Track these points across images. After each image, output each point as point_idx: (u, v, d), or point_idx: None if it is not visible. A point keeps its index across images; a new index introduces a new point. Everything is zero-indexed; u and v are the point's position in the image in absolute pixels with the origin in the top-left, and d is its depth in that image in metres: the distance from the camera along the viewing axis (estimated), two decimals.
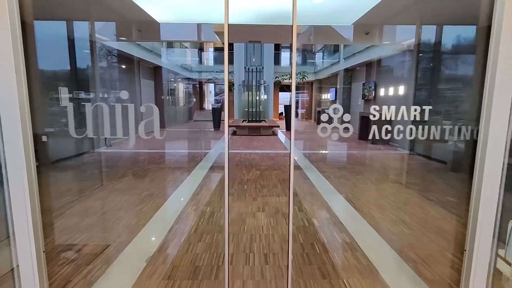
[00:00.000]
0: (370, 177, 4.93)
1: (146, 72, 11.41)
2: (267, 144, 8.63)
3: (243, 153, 7.13)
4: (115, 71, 8.71)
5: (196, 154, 6.83)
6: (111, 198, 3.78)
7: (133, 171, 5.18)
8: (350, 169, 5.46)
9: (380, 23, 5.39)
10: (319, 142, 9.23)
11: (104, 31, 6.25)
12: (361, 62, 10.59)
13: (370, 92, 10.19)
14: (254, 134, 11.11)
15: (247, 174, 5.04)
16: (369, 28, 5.71)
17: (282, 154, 6.97)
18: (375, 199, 3.83)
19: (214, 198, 3.78)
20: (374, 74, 10.08)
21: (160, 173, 5.04)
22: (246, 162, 6.09)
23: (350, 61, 11.67)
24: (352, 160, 6.32)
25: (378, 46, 8.95)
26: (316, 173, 5.14)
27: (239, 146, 8.28)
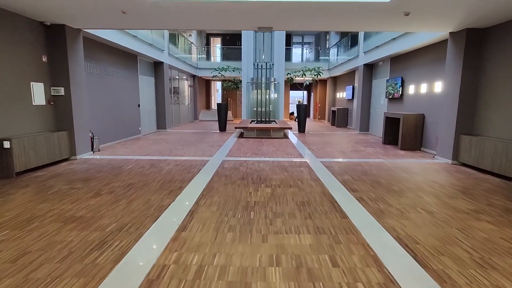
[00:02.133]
0: (420, 200, 3.73)
1: (146, 68, 10.38)
2: (278, 149, 7.47)
3: (250, 161, 6.00)
4: (106, 65, 7.69)
5: (194, 163, 5.74)
6: (54, 228, 2.71)
7: (109, 187, 4.11)
8: (387, 187, 4.27)
9: (427, 4, 4.17)
10: (337, 147, 8.02)
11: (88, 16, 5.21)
12: (385, 56, 9.32)
13: (396, 90, 8.92)
14: (264, 136, 9.97)
15: (255, 193, 3.90)
16: (412, 8, 4.49)
17: (297, 164, 5.81)
18: (443, 239, 2.64)
19: (207, 237, 2.66)
20: (402, 69, 8.80)
21: (142, 191, 3.95)
22: (253, 174, 4.95)
23: (371, 55, 10.41)
24: (385, 172, 5.11)
25: (407, 36, 7.68)
26: (344, 193, 3.96)
27: (246, 151, 7.15)
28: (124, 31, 7.84)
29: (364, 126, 11.49)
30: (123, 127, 8.71)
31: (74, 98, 5.93)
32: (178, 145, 7.94)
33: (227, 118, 11.85)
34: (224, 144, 8.20)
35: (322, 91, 18.47)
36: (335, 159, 6.27)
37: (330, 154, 6.92)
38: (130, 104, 9.16)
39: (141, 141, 8.76)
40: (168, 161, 5.91)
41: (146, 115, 10.38)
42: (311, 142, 8.92)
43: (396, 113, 7.98)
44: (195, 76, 16.53)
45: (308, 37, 19.55)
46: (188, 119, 15.72)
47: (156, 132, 10.97)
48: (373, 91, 11.10)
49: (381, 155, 6.87)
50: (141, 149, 7.33)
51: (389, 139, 8.67)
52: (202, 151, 7.12)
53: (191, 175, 4.84)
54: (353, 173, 5.08)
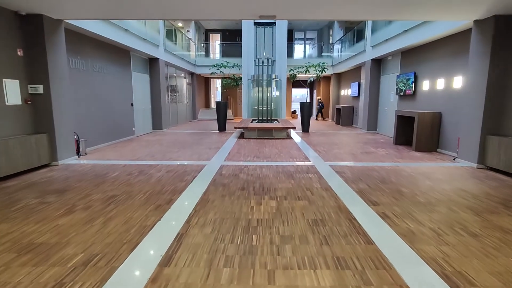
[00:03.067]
0: (456, 217, 3.12)
1: (139, 65, 9.77)
2: (281, 152, 6.86)
3: (251, 166, 5.38)
4: (94, 61, 7.08)
5: (189, 168, 5.13)
6: (2, 262, 2.12)
7: (86, 201, 3.50)
8: (411, 198, 3.65)
9: None
10: (346, 148, 7.41)
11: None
12: (395, 49, 8.68)
13: (408, 86, 8.28)
14: (265, 137, 9.36)
15: (257, 208, 3.29)
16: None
17: (303, 169, 5.20)
18: (504, 277, 2.03)
19: (197, 275, 2.05)
20: (414, 64, 8.16)
21: (124, 207, 3.34)
22: (255, 182, 4.34)
23: (379, 50, 9.76)
24: (405, 179, 4.50)
25: (422, 27, 7.04)
26: (363, 207, 3.35)
27: (247, 154, 6.54)
28: (114, 24, 7.22)
29: (372, 125, 10.85)
30: (115, 128, 8.10)
31: (55, 96, 5.32)
32: (173, 148, 7.33)
33: (226, 117, 11.24)
34: (223, 146, 7.59)
35: (325, 89, 17.82)
36: (345, 163, 5.65)
37: (339, 156, 6.30)
38: (123, 103, 8.55)
39: (134, 143, 8.15)
40: (159, 166, 5.30)
41: (140, 114, 9.77)
42: (317, 142, 8.30)
43: (410, 111, 7.34)
44: (193, 73, 15.90)
45: (310, 32, 18.88)
46: (187, 118, 15.11)
47: (151, 133, 10.37)
48: (381, 87, 10.46)
49: (395, 157, 6.25)
50: (132, 152, 6.72)
51: (401, 140, 8.05)
52: (198, 154, 6.51)
53: (184, 184, 4.23)
54: (368, 180, 4.47)
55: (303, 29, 18.46)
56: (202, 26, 17.75)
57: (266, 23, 14.86)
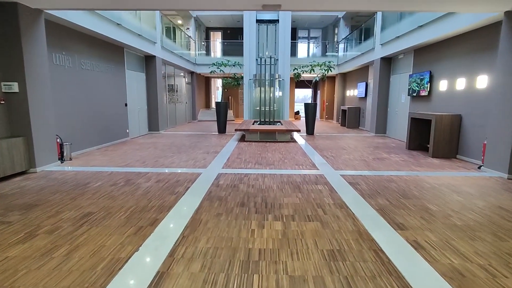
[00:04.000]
0: (511, 248, 2.52)
1: (134, 62, 9.20)
2: (286, 157, 6.27)
3: (252, 174, 4.79)
4: (82, 57, 6.51)
5: (182, 177, 4.55)
6: None
7: (55, 221, 2.92)
8: (444, 219, 3.05)
9: None
10: (355, 153, 6.80)
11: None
12: (407, 47, 8.06)
13: (422, 86, 7.67)
14: (268, 140, 8.76)
15: (259, 233, 2.70)
16: None
17: (312, 178, 4.60)
18: None
19: None
20: (430, 62, 7.54)
21: (98, 229, 2.75)
22: (257, 195, 3.75)
23: (390, 47, 9.15)
24: (429, 193, 3.89)
25: (440, 22, 6.43)
26: (388, 232, 2.75)
27: (248, 160, 5.95)
28: (104, 17, 6.65)
29: (381, 127, 10.24)
30: (106, 130, 7.53)
31: (33, 95, 4.75)
32: (168, 152, 6.75)
33: (227, 119, 10.66)
34: (222, 150, 7.00)
35: (330, 89, 17.21)
36: (358, 172, 5.04)
37: (350, 163, 5.70)
38: (115, 103, 7.98)
39: (127, 146, 7.58)
40: (149, 174, 4.72)
41: (135, 115, 9.20)
42: (323, 147, 7.70)
43: (425, 113, 6.73)
44: (193, 72, 15.33)
45: (314, 31, 18.28)
46: (186, 119, 14.54)
47: (147, 135, 9.79)
48: (391, 88, 9.84)
49: (412, 165, 5.64)
50: (123, 157, 6.14)
51: (414, 144, 7.43)
52: (195, 159, 5.92)
53: (174, 198, 3.64)
54: (388, 193, 3.86)
55: (307, 27, 17.86)
56: (202, 24, 17.19)
57: (269, 21, 14.29)
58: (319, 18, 15.80)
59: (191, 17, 15.14)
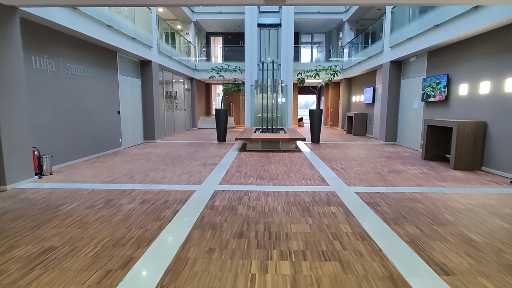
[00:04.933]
0: None
1: (128, 68, 8.67)
2: (291, 170, 5.64)
3: (253, 192, 4.17)
4: (68, 61, 5.97)
5: (172, 196, 3.93)
6: None
7: (1, 263, 2.31)
8: (496, 256, 2.40)
9: None
10: (367, 164, 6.17)
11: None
12: (420, 49, 7.47)
13: (438, 91, 7.05)
14: (271, 149, 8.14)
15: (261, 281, 2.07)
16: None
17: (323, 197, 3.96)
18: None
19: None
20: (447, 64, 6.93)
21: (52, 276, 2.13)
22: (259, 221, 3.12)
23: (400, 50, 8.56)
24: (466, 217, 3.24)
25: (459, 20, 5.85)
26: (432, 280, 2.11)
27: (249, 174, 5.33)
28: (92, 18, 6.13)
29: (391, 135, 9.59)
30: (96, 140, 6.95)
31: (3, 102, 4.18)
32: (161, 164, 6.14)
33: (227, 126, 10.07)
34: (220, 162, 6.38)
35: (334, 95, 16.62)
36: (374, 188, 4.40)
37: (363, 177, 5.06)
38: (107, 111, 7.42)
39: (118, 157, 6.99)
40: (135, 193, 4.10)
41: (129, 124, 8.63)
42: (331, 157, 7.06)
43: (445, 120, 6.09)
44: (193, 78, 14.82)
45: (318, 35, 17.79)
46: (185, 127, 13.98)
47: (142, 144, 9.21)
48: (402, 93, 9.23)
49: (433, 178, 4.99)
50: (110, 170, 5.54)
51: (431, 154, 6.78)
52: (189, 173, 5.30)
53: (159, 225, 3.01)
54: (416, 218, 3.22)
55: (310, 31, 17.37)
56: (202, 29, 16.75)
57: (271, 25, 13.81)
58: (323, 21, 15.31)
59: (190, 21, 14.70)
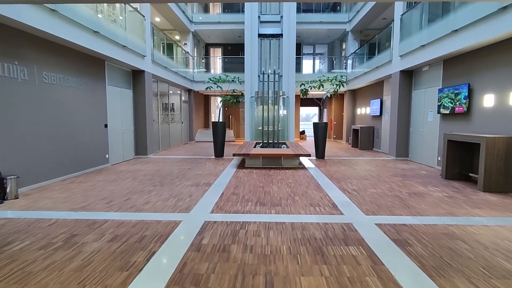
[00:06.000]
0: None
1: (119, 78, 8.04)
2: (295, 192, 4.89)
3: (252, 223, 3.42)
4: (45, 69, 5.32)
5: (151, 231, 3.19)
6: None
7: None
8: None
9: None
10: (382, 185, 5.42)
11: None
12: (435, 57, 6.84)
13: (457, 102, 6.36)
14: (272, 166, 7.40)
15: None
16: None
17: (337, 231, 3.21)
18: None
19: None
20: (467, 73, 6.27)
21: None
22: (257, 270, 2.37)
23: (412, 59, 7.94)
24: None
25: (483, 23, 5.22)
26: None
27: (247, 197, 4.59)
28: (74, 22, 5.52)
29: (402, 150, 8.86)
30: (77, 157, 6.24)
31: None
32: (148, 184, 5.40)
33: (225, 140, 9.37)
34: (216, 181, 5.64)
35: (338, 107, 16.00)
36: (398, 217, 3.64)
37: (381, 202, 4.30)
38: (91, 124, 6.74)
39: (101, 175, 6.25)
40: (107, 225, 3.35)
41: (117, 138, 7.93)
42: (340, 175, 6.32)
43: (470, 135, 5.38)
44: (191, 90, 14.24)
45: (320, 46, 17.32)
46: (182, 141, 13.29)
47: (132, 160, 8.49)
48: (413, 104, 8.56)
49: (464, 204, 4.23)
50: (87, 193, 4.80)
51: (452, 172, 6.04)
52: (178, 197, 4.56)
53: (123, 279, 2.25)
54: (463, 265, 2.45)
55: (312, 42, 16.92)
56: (201, 40, 16.30)
57: (272, 35, 13.33)
58: (326, 32, 14.84)
59: (189, 32, 14.24)
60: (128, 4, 8.00)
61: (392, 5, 10.52)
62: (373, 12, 11.69)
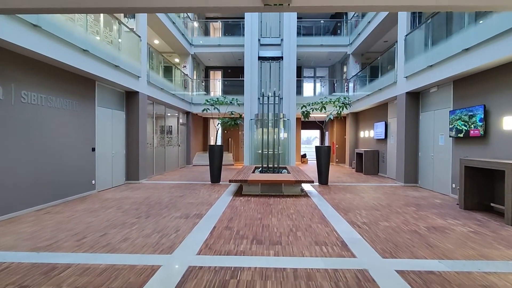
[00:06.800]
0: None
1: (110, 99, 7.64)
2: (298, 225, 4.29)
3: (246, 269, 2.81)
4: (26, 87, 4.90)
5: (121, 280, 2.59)
6: None
7: None
8: None
9: None
10: (395, 217, 4.81)
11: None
12: (445, 77, 6.45)
13: (472, 125, 5.87)
14: (272, 194, 6.81)
15: None
16: None
17: (349, 281, 2.60)
18: None
19: None
20: (482, 94, 5.84)
21: None
22: None
23: (419, 80, 7.55)
24: None
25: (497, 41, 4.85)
26: None
27: (242, 232, 3.99)
28: (60, 39, 5.18)
29: (411, 176, 8.28)
30: (58, 183, 5.68)
31: None
32: (132, 215, 4.81)
33: (222, 165, 8.82)
34: (208, 212, 5.05)
35: (340, 130, 15.57)
36: (422, 262, 3.03)
37: (398, 239, 3.69)
38: (77, 148, 6.24)
39: (84, 204, 5.66)
40: (67, 272, 2.74)
41: (106, 162, 7.40)
42: (346, 205, 5.72)
43: (490, 161, 4.84)
44: (189, 112, 13.90)
45: (320, 70, 17.21)
46: (178, 164, 12.74)
47: (122, 186, 7.90)
48: (421, 127, 8.08)
49: (494, 242, 3.61)
50: (59, 226, 4.21)
51: (472, 202, 5.43)
52: (162, 232, 3.96)
53: None
54: None
55: (313, 65, 16.81)
56: (201, 63, 16.21)
57: (272, 58, 13.17)
58: (327, 55, 14.72)
59: (188, 54, 14.12)
60: (124, 25, 7.78)
61: (394, 27, 10.36)
62: (375, 35, 11.54)
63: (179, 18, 12.35)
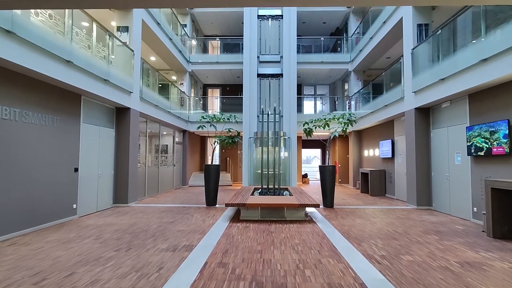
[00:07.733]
0: None
1: (98, 115, 7.09)
2: (305, 259, 3.61)
3: None
4: None
5: None
6: None
7: None
8: None
9: None
10: (416, 248, 4.13)
11: None
12: (459, 91, 5.96)
13: (495, 142, 5.30)
14: (273, 219, 6.12)
15: None
16: None
17: None
18: None
19: None
20: (503, 108, 5.30)
21: None
22: None
23: (429, 94, 7.06)
24: None
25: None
26: None
27: (238, 270, 3.31)
28: (37, 47, 4.69)
29: (424, 198, 7.61)
30: (32, 209, 5.01)
31: None
32: (110, 248, 4.11)
33: (218, 186, 8.15)
34: (200, 243, 4.35)
35: (342, 149, 15.00)
36: None
37: (430, 282, 3.01)
38: (57, 168, 5.61)
39: (58, 232, 4.96)
40: None
41: (91, 184, 6.74)
42: (358, 232, 5.02)
43: None
44: (185, 131, 13.36)
45: (321, 87, 16.87)
46: (173, 185, 12.04)
47: (108, 210, 7.19)
48: (433, 145, 7.51)
49: None
50: (19, 263, 3.50)
51: (502, 229, 4.76)
52: (142, 271, 3.26)
53: None
54: None
55: (313, 83, 16.49)
56: (199, 80, 15.87)
57: (271, 75, 12.81)
58: (327, 72, 14.40)
59: (186, 72, 13.78)
60: (116, 38, 7.38)
61: (397, 43, 10.05)
62: (377, 51, 11.22)
63: (176, 36, 12.08)
